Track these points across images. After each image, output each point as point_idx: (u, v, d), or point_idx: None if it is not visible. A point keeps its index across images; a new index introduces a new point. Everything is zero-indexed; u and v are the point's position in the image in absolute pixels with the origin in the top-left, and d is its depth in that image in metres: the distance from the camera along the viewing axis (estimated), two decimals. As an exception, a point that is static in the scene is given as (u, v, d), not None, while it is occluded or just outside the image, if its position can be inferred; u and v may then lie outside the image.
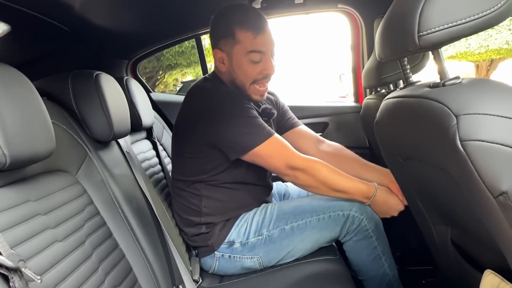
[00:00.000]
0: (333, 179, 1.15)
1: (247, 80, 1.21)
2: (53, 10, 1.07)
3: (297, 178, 1.16)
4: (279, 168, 1.15)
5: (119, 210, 1.01)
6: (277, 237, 1.19)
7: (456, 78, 0.67)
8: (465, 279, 0.88)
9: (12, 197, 0.69)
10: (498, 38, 9.97)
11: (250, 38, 1.16)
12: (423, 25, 0.63)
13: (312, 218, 1.19)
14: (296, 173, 1.14)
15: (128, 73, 1.92)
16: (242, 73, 1.20)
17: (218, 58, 1.23)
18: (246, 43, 1.16)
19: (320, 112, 1.94)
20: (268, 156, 1.14)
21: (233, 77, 1.22)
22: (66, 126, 0.95)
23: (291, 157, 1.15)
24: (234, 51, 1.18)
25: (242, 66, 1.19)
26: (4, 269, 0.57)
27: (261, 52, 1.18)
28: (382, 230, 1.22)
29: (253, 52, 1.17)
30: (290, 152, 1.15)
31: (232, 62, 1.20)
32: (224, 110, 1.14)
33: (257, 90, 1.23)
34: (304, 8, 1.73)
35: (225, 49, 1.20)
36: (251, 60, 1.18)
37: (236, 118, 1.13)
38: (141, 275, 0.98)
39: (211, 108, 1.16)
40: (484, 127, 0.55)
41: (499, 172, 0.54)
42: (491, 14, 0.60)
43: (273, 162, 1.15)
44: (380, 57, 0.84)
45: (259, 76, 1.20)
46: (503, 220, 0.56)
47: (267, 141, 1.13)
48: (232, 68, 1.21)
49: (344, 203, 1.19)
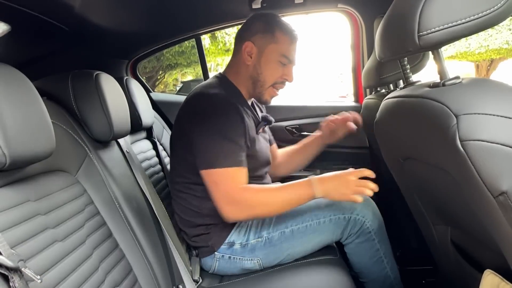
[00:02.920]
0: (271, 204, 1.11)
1: (270, 79, 1.26)
2: (53, 10, 1.07)
3: (232, 215, 1.11)
4: (217, 200, 1.11)
5: (119, 210, 1.01)
6: (277, 240, 1.19)
7: (456, 78, 0.67)
8: (465, 279, 0.88)
9: (12, 197, 0.69)
10: (498, 38, 9.96)
11: (288, 43, 1.24)
12: (423, 25, 0.63)
13: (312, 221, 1.18)
14: (232, 209, 1.11)
15: (128, 73, 1.92)
16: (268, 70, 1.25)
17: (247, 51, 1.25)
18: (283, 45, 1.24)
19: (320, 112, 1.94)
20: (214, 181, 1.11)
21: (258, 72, 1.26)
22: (66, 126, 0.95)
23: (233, 192, 1.10)
24: (268, 48, 1.24)
25: (271, 64, 1.25)
26: (4, 269, 0.57)
27: (290, 59, 1.26)
28: (385, 231, 1.21)
29: (284, 56, 1.24)
30: (236, 188, 1.10)
31: (261, 58, 1.25)
32: (213, 122, 1.14)
33: (273, 93, 1.30)
34: (304, 8, 1.73)
35: (258, 44, 1.24)
36: (281, 62, 1.25)
37: (217, 135, 1.12)
38: (141, 275, 0.98)
39: (204, 115, 1.16)
40: (484, 127, 0.55)
41: (499, 172, 0.54)
42: (491, 14, 0.60)
43: (215, 192, 1.11)
44: (380, 57, 0.84)
45: (280, 80, 1.27)
46: (503, 220, 0.56)
47: (224, 169, 1.10)
48: (259, 64, 1.25)
49: (345, 206, 1.18)
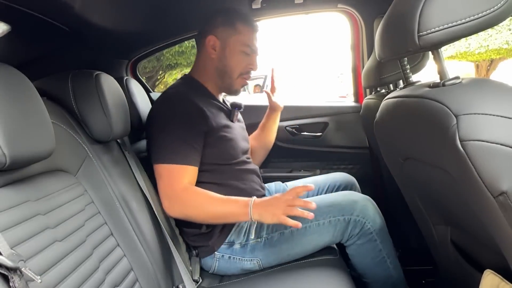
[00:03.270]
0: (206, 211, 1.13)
1: (236, 69, 1.32)
2: (53, 10, 1.07)
3: (170, 210, 1.15)
4: (160, 192, 1.16)
5: (119, 210, 1.01)
6: (277, 241, 1.18)
7: (456, 78, 0.67)
8: (465, 279, 0.88)
9: (12, 197, 0.69)
10: (498, 38, 9.96)
11: (250, 33, 1.31)
12: (423, 25, 0.63)
13: (311, 223, 1.17)
14: (170, 204, 1.14)
15: (128, 73, 1.92)
16: (233, 61, 1.31)
17: (211, 45, 1.30)
18: (245, 35, 1.30)
19: (320, 112, 1.94)
20: (161, 175, 1.16)
21: (223, 64, 1.31)
22: (66, 126, 0.95)
23: (175, 188, 1.13)
24: (231, 40, 1.29)
25: (235, 55, 1.30)
26: (4, 269, 0.57)
27: (252, 49, 1.32)
28: (387, 232, 1.20)
29: (247, 46, 1.30)
30: (180, 184, 1.13)
31: (225, 50, 1.30)
32: (167, 121, 1.19)
33: (243, 82, 1.36)
34: (304, 8, 1.73)
35: (221, 37, 1.30)
36: (244, 52, 1.30)
37: (170, 133, 1.16)
38: (141, 275, 0.98)
39: (159, 115, 1.23)
40: (484, 127, 0.55)
41: (499, 172, 0.54)
42: (491, 14, 0.60)
43: (160, 185, 1.16)
44: (380, 57, 0.84)
45: (245, 69, 1.33)
46: (503, 220, 0.56)
47: (172, 165, 1.14)
48: (224, 56, 1.30)
49: (344, 207, 1.17)
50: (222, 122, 1.28)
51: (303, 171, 1.92)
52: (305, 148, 1.93)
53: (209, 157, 1.23)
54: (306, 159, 1.94)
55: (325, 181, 1.52)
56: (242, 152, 1.35)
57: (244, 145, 1.40)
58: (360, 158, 1.90)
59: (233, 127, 1.34)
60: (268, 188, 1.52)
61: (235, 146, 1.30)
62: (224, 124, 1.28)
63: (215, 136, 1.23)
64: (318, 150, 1.93)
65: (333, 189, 1.50)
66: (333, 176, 1.55)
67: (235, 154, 1.30)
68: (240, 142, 1.35)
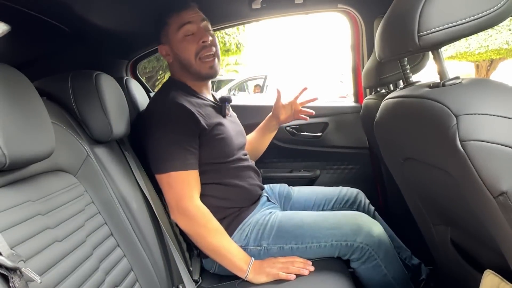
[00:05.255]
0: (213, 238, 1.14)
1: (190, 55, 1.26)
2: (53, 10, 1.07)
3: (179, 222, 1.16)
4: (169, 203, 1.18)
5: (119, 210, 1.01)
6: (276, 253, 1.17)
7: (456, 78, 0.67)
8: (465, 279, 0.88)
9: (12, 197, 0.69)
10: (498, 38, 9.95)
11: (176, 16, 1.26)
12: (423, 25, 0.63)
13: (312, 244, 1.15)
14: (181, 217, 1.15)
15: (128, 73, 1.92)
16: (183, 50, 1.27)
17: (164, 54, 1.32)
18: (174, 21, 1.26)
19: (320, 112, 1.94)
20: (166, 185, 1.17)
21: (180, 59, 1.29)
22: (66, 126, 0.95)
23: (185, 199, 1.14)
24: (170, 36, 1.28)
25: (181, 43, 1.26)
26: (4, 269, 0.57)
27: (191, 23, 1.26)
28: (393, 255, 1.17)
29: (183, 26, 1.25)
30: (187, 194, 1.15)
31: (173, 48, 1.29)
32: (159, 127, 1.18)
33: (204, 63, 1.27)
34: (304, 8, 1.73)
35: (164, 40, 1.30)
36: (185, 34, 1.26)
37: (166, 139, 1.16)
38: (141, 275, 0.98)
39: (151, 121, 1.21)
40: (484, 127, 0.55)
41: (499, 172, 0.54)
42: (491, 14, 0.60)
43: (167, 195, 1.17)
44: (380, 57, 0.84)
45: (198, 47, 1.26)
46: (503, 220, 0.56)
47: (173, 172, 1.15)
48: (175, 53, 1.29)
49: (347, 232, 1.14)
50: (214, 121, 1.26)
51: (303, 171, 1.92)
52: (305, 148, 1.93)
53: (204, 157, 1.22)
54: (306, 159, 1.94)
55: (332, 194, 1.49)
56: (238, 148, 1.34)
57: (240, 141, 1.38)
58: (360, 158, 1.90)
59: (225, 123, 1.31)
60: (272, 189, 1.52)
61: (229, 143, 1.29)
62: (216, 122, 1.26)
63: (208, 135, 1.22)
64: (318, 150, 1.93)
65: (340, 203, 1.47)
66: (340, 190, 1.51)
67: (230, 152, 1.29)
68: (235, 138, 1.33)
